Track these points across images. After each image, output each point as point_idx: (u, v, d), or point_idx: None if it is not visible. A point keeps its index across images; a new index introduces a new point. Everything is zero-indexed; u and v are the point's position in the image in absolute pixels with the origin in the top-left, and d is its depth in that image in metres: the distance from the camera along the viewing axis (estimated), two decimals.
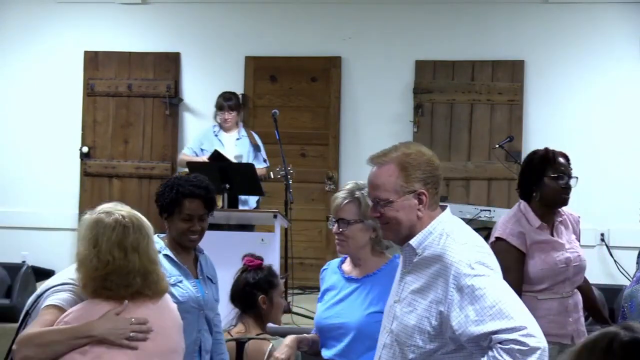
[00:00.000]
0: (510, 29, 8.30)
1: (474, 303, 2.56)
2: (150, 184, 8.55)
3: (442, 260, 2.64)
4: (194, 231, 3.73)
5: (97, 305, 2.82)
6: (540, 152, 4.04)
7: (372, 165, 2.78)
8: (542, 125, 8.19)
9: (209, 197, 3.80)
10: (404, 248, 2.76)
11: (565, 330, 3.93)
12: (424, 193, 2.70)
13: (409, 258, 2.75)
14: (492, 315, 2.53)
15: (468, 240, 2.70)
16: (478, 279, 2.59)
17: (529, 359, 2.49)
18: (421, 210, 2.70)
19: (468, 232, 2.76)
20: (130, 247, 2.82)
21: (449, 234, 2.69)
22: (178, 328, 2.97)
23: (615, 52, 8.16)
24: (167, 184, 3.82)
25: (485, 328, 2.53)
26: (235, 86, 8.48)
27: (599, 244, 7.96)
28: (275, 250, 6.29)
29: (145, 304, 2.85)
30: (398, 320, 2.72)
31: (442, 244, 2.67)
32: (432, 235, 2.70)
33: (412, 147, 2.78)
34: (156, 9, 8.71)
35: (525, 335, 2.51)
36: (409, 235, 2.72)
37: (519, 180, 4.09)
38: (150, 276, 2.85)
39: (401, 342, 2.70)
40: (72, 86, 8.66)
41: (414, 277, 2.72)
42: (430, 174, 2.72)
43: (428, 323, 2.64)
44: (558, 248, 3.96)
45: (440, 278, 2.64)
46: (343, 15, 8.48)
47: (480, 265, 2.63)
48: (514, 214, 4.02)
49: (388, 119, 8.24)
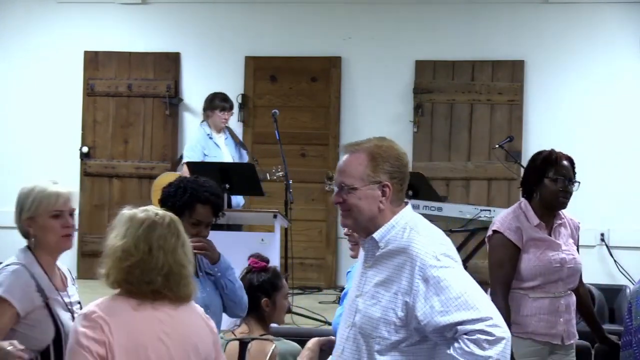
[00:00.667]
0: (510, 29, 8.30)
1: (439, 294, 2.59)
2: (150, 184, 8.55)
3: (407, 252, 2.68)
4: (200, 237, 3.70)
5: (119, 303, 2.79)
6: (545, 153, 4.04)
7: (345, 152, 2.84)
8: (542, 125, 8.20)
9: (219, 204, 3.79)
10: (366, 241, 2.80)
11: (556, 330, 3.93)
12: (388, 186, 2.74)
13: (370, 252, 2.79)
14: (458, 306, 2.57)
15: (431, 234, 2.75)
16: (444, 271, 2.62)
17: (495, 348, 2.52)
18: (383, 203, 2.74)
19: (430, 227, 2.80)
20: (156, 243, 2.80)
21: (412, 227, 2.74)
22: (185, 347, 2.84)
23: (615, 52, 8.16)
24: (178, 185, 3.76)
25: (450, 319, 2.56)
26: (235, 86, 8.49)
27: (599, 244, 7.95)
28: (275, 250, 6.29)
29: (164, 308, 2.81)
30: (361, 314, 2.75)
31: (406, 236, 2.72)
32: (395, 229, 2.74)
33: (386, 141, 2.82)
34: (156, 9, 8.71)
35: (491, 326, 2.54)
36: (367, 226, 2.77)
37: (523, 178, 4.13)
38: (174, 277, 2.81)
39: (366, 335, 2.73)
40: (72, 86, 8.66)
41: (376, 270, 2.76)
42: (398, 169, 2.77)
43: (394, 314, 2.67)
44: (554, 248, 3.96)
45: (404, 269, 2.67)
46: (343, 15, 8.48)
47: (446, 257, 2.67)
48: (513, 210, 4.04)
49: (388, 119, 8.24)
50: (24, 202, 3.47)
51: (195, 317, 2.92)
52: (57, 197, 3.45)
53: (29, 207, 3.45)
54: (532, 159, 4.09)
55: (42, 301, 3.34)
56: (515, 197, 7.52)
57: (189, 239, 2.95)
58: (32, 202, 3.45)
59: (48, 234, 3.45)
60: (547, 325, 3.91)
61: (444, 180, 8.16)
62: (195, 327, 2.89)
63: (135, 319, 2.78)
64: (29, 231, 3.46)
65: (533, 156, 4.11)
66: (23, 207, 3.47)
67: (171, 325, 2.81)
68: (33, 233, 3.45)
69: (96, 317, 2.74)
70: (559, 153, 4.03)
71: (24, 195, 3.48)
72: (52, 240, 3.44)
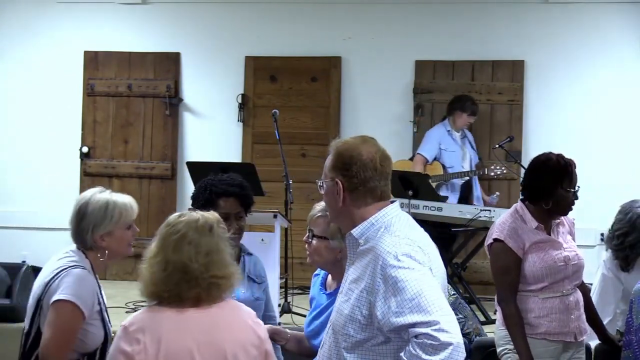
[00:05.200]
0: (510, 29, 8.30)
1: (396, 295, 2.60)
2: (150, 184, 8.56)
3: (374, 250, 2.71)
4: (231, 230, 3.67)
5: (159, 313, 2.77)
6: (555, 160, 3.94)
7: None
8: (542, 125, 8.19)
9: (244, 194, 3.79)
10: (346, 238, 2.85)
11: (568, 328, 3.94)
12: (339, 182, 2.80)
13: (352, 249, 2.83)
14: (411, 308, 2.56)
15: (401, 234, 2.75)
16: (402, 271, 2.62)
17: (440, 354, 2.49)
18: (338, 200, 2.80)
19: (407, 226, 2.81)
20: (194, 250, 2.80)
21: (387, 226, 2.76)
22: (225, 355, 2.81)
23: (615, 52, 8.16)
24: (200, 185, 3.81)
25: (404, 320, 2.56)
26: (235, 86, 8.50)
27: (599, 244, 7.94)
28: (275, 250, 6.29)
29: (202, 315, 2.79)
30: (336, 310, 2.81)
31: (378, 235, 2.74)
32: (373, 227, 2.77)
33: (357, 140, 2.86)
34: (156, 9, 8.71)
35: (437, 330, 2.51)
36: (340, 222, 2.91)
37: (529, 184, 4.00)
38: (213, 284, 2.81)
39: (336, 331, 2.76)
40: (72, 86, 8.66)
41: (354, 267, 2.79)
42: (361, 168, 2.78)
43: (359, 312, 2.69)
44: (556, 247, 3.96)
45: (369, 268, 2.70)
46: (343, 15, 8.48)
47: (407, 257, 2.66)
48: (510, 214, 4.02)
49: (388, 119, 8.24)
50: (100, 218, 3.38)
51: (240, 324, 2.89)
52: (132, 208, 3.45)
53: (107, 223, 3.39)
54: (542, 166, 3.96)
55: (99, 307, 3.35)
56: (515, 197, 7.52)
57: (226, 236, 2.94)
58: (111, 217, 3.39)
59: (122, 244, 3.44)
60: (560, 325, 3.91)
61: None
62: (235, 333, 2.85)
63: (174, 329, 2.75)
64: (101, 245, 3.39)
65: (541, 162, 3.98)
66: (98, 224, 3.38)
67: (210, 332, 2.79)
68: (106, 246, 3.39)
69: (135, 330, 2.72)
70: (568, 160, 3.96)
71: (97, 211, 3.39)
72: (124, 250, 3.44)
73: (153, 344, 2.70)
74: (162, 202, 8.41)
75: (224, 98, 8.53)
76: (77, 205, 3.42)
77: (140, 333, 2.71)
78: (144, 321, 2.74)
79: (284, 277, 6.87)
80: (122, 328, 2.77)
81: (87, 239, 3.39)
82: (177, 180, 8.55)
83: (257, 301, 3.85)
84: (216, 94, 8.58)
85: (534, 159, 4.06)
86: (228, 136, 8.52)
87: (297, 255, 7.08)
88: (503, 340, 3.97)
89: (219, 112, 8.57)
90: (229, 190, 3.73)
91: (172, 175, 8.53)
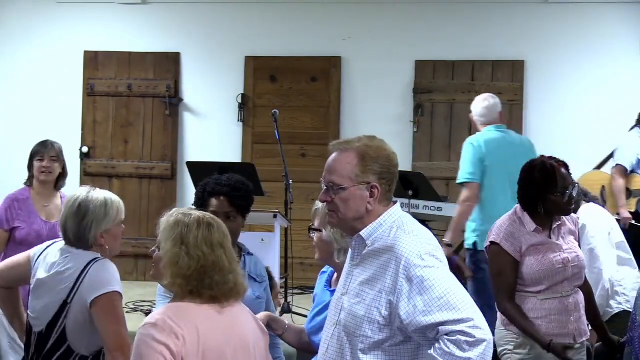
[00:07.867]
0: (510, 29, 8.31)
1: (422, 294, 2.58)
2: (150, 184, 8.56)
3: (393, 251, 2.67)
4: None
5: (197, 308, 2.74)
6: (540, 167, 3.95)
7: (333, 150, 2.81)
8: (542, 125, 8.20)
9: (234, 194, 3.79)
10: (353, 239, 2.79)
11: (567, 329, 3.93)
12: (376, 187, 2.73)
13: (357, 250, 2.78)
14: (440, 307, 2.55)
15: (418, 233, 2.74)
16: (428, 270, 2.61)
17: (475, 350, 2.51)
18: (371, 204, 2.73)
19: (417, 226, 2.79)
20: (217, 243, 2.79)
21: (399, 226, 2.73)
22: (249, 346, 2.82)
23: (615, 52, 8.16)
24: (200, 184, 3.85)
25: (432, 319, 2.55)
26: (235, 86, 8.50)
27: None
28: (275, 250, 6.30)
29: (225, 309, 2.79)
30: (346, 312, 2.75)
31: (392, 235, 2.71)
32: (382, 228, 2.74)
33: (375, 141, 2.80)
34: (156, 9, 8.71)
35: (472, 327, 2.52)
36: (353, 226, 2.76)
37: (521, 193, 4.01)
38: (238, 275, 2.82)
39: (350, 333, 2.72)
40: (72, 86, 8.66)
41: (362, 269, 2.75)
42: (388, 169, 2.76)
43: (378, 313, 2.66)
44: (555, 249, 3.95)
45: (389, 268, 2.66)
46: (343, 15, 8.49)
47: (431, 257, 2.65)
48: (508, 217, 4.02)
49: (388, 119, 8.25)
50: (102, 216, 3.41)
51: (247, 317, 2.91)
52: (122, 206, 3.48)
53: (107, 220, 3.42)
54: (528, 176, 3.99)
55: None
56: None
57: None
58: (110, 214, 3.42)
59: (117, 241, 3.49)
60: (559, 326, 3.91)
61: (444, 180, 8.15)
62: (250, 326, 2.88)
63: (207, 323, 2.73)
64: (101, 242, 3.42)
65: (527, 171, 4.01)
66: (100, 221, 3.41)
67: (234, 326, 2.79)
68: (105, 243, 3.42)
69: (170, 324, 2.67)
70: (553, 164, 3.96)
71: (99, 209, 3.41)
72: (118, 247, 3.48)
73: (192, 337, 2.68)
74: (162, 202, 8.40)
75: (224, 98, 8.54)
76: (74, 204, 3.41)
77: (176, 327, 2.67)
78: (177, 315, 2.71)
79: (284, 277, 6.88)
80: (150, 325, 2.68)
81: (90, 238, 3.40)
82: (177, 180, 8.56)
83: (257, 300, 3.86)
84: (216, 94, 8.58)
85: (522, 167, 4.07)
86: (228, 136, 8.53)
87: (297, 255, 7.10)
88: (503, 341, 3.98)
89: (219, 112, 8.58)
90: (217, 190, 3.74)
91: (172, 175, 8.54)
